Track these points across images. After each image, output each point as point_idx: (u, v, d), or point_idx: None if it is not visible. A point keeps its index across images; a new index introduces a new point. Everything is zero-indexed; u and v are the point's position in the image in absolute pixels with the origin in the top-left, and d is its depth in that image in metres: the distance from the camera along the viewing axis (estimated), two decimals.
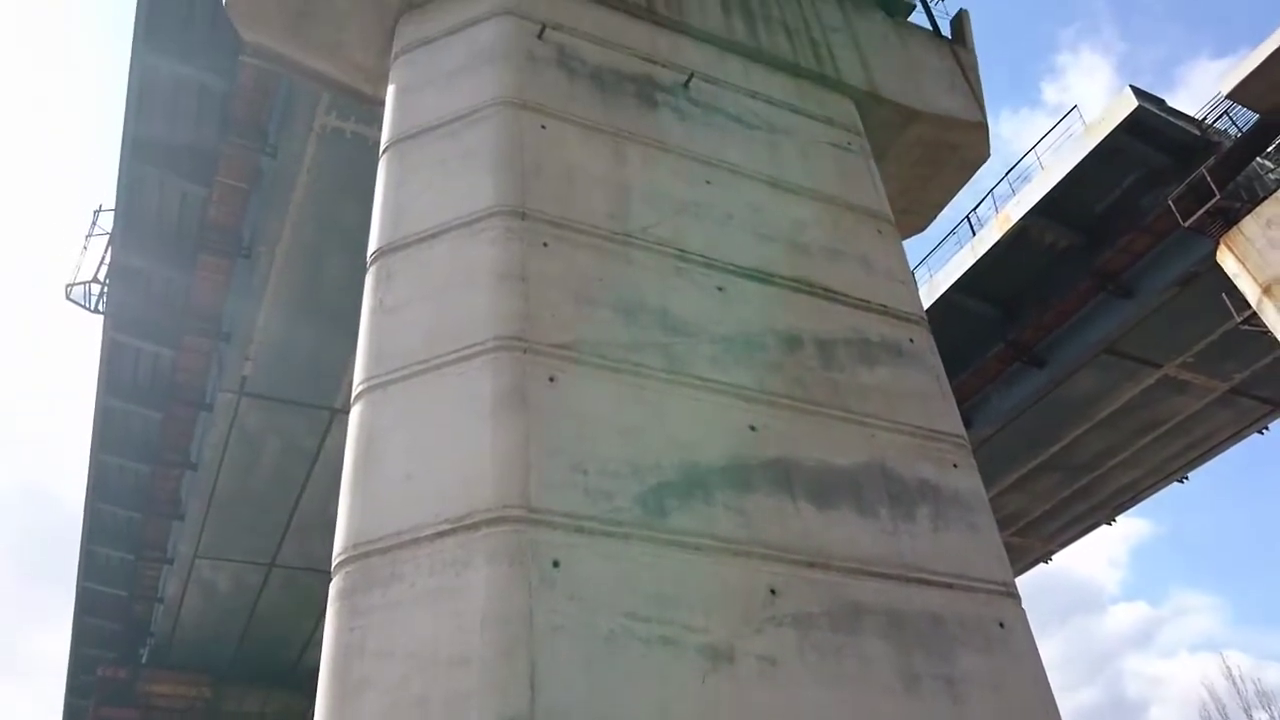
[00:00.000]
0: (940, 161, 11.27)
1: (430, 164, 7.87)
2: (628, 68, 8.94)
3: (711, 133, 8.88)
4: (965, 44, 12.07)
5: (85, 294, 19.08)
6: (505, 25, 8.60)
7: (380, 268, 7.39)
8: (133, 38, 14.67)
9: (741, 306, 7.66)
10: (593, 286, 7.15)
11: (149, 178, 16.64)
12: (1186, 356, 22.26)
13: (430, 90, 8.40)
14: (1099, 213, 20.57)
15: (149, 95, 15.35)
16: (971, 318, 22.55)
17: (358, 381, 6.86)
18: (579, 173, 7.82)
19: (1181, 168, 19.25)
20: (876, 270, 8.74)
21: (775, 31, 10.29)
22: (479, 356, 6.54)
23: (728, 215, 8.25)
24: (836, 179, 9.32)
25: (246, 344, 17.72)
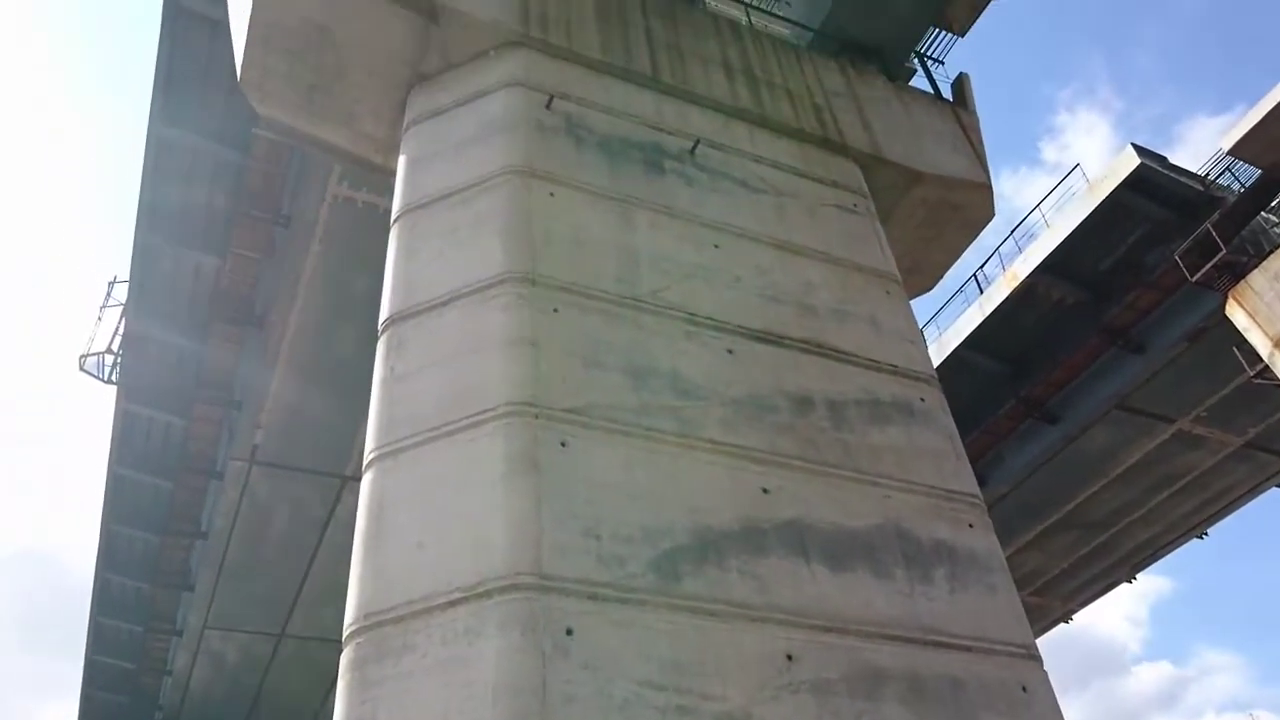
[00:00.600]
0: (945, 221, 11.36)
1: (441, 232, 7.97)
2: (635, 135, 9.09)
3: (718, 197, 8.99)
4: (966, 106, 12.25)
5: (99, 365, 19.22)
6: (514, 96, 8.76)
7: (391, 336, 7.44)
8: (149, 112, 14.98)
9: (752, 368, 7.67)
10: (603, 351, 7.18)
11: (163, 249, 16.86)
12: (1200, 411, 22.13)
13: (441, 160, 8.54)
14: (1105, 269, 20.65)
15: (164, 168, 15.63)
16: (981, 375, 22.52)
17: (369, 449, 6.86)
18: (588, 238, 7.90)
19: (1186, 223, 19.36)
20: (885, 330, 8.76)
21: (779, 98, 10.46)
22: (490, 422, 6.55)
23: (736, 278, 8.31)
24: (843, 241, 9.40)
25: (258, 412, 17.76)
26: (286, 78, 9.48)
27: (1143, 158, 19.02)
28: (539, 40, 9.30)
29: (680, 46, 10.22)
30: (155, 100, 14.84)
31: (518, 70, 8.99)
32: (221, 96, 14.91)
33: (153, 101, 14.86)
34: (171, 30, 14.12)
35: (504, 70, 9.01)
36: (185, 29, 14.14)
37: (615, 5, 10.20)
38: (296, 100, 9.66)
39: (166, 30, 14.13)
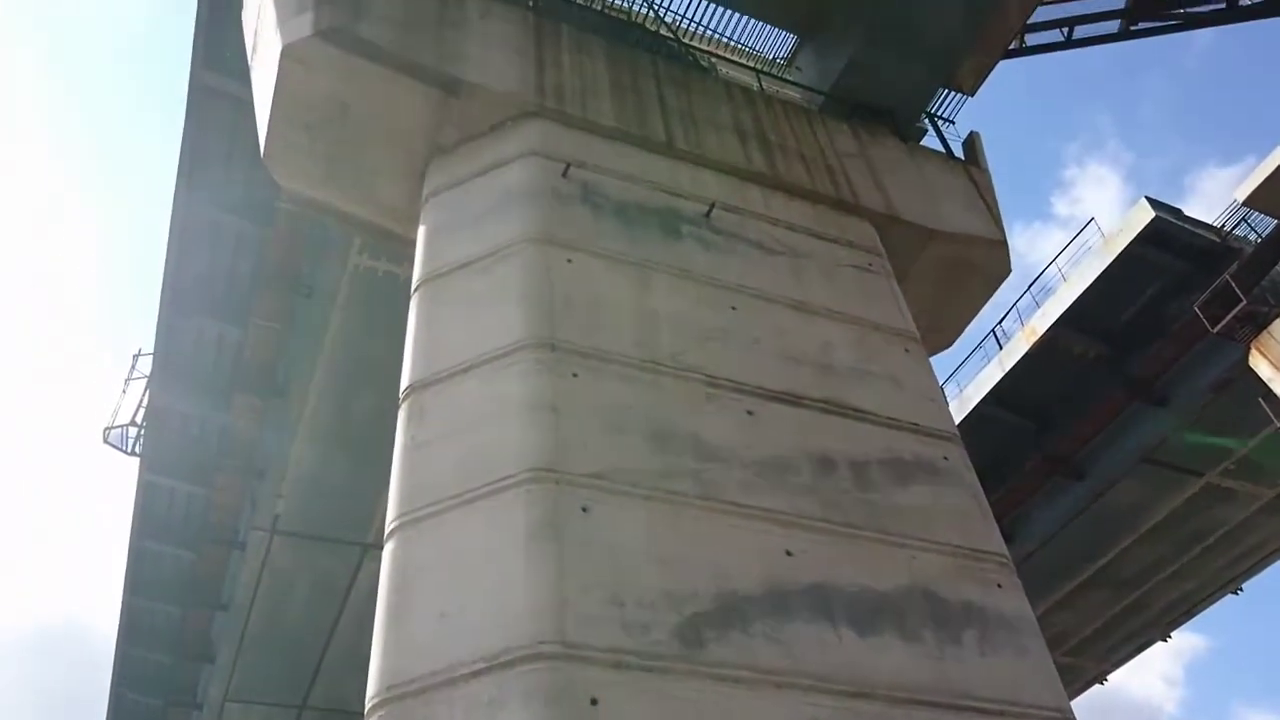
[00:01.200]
0: (962, 279, 11.38)
1: (460, 301, 8.05)
2: (651, 200, 9.20)
3: (735, 260, 9.05)
4: (979, 164, 12.35)
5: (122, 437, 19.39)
6: (531, 165, 8.91)
7: (412, 404, 7.48)
8: (174, 188, 15.31)
9: (772, 430, 7.64)
10: (623, 415, 7.18)
11: (187, 321, 17.09)
12: (1228, 464, 21.83)
13: (460, 230, 8.66)
14: (1125, 322, 20.58)
15: (188, 242, 15.92)
16: (1005, 430, 22.34)
17: (390, 518, 6.85)
18: (606, 303, 7.96)
19: (1204, 274, 19.32)
20: (906, 388, 8.72)
21: (792, 161, 10.58)
22: (511, 489, 6.53)
23: (754, 339, 8.32)
24: (860, 300, 9.42)
25: (279, 481, 17.81)
26: (308, 152, 9.68)
27: (1157, 211, 19.07)
28: (554, 110, 9.48)
29: (694, 113, 10.38)
30: (180, 177, 15.17)
31: (534, 140, 9.15)
32: (244, 170, 15.22)
33: (178, 178, 15.19)
34: (198, 108, 14.49)
35: (520, 140, 9.18)
36: (210, 107, 14.50)
37: (629, 76, 10.40)
38: (318, 173, 9.86)
39: (193, 108, 14.49)
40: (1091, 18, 16.50)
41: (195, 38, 13.89)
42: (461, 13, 9.93)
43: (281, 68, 9.16)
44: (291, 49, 9.07)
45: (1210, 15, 16.99)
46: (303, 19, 9.12)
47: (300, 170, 9.90)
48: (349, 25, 9.15)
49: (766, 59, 13.86)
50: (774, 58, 13.90)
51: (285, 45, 9.09)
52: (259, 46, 10.06)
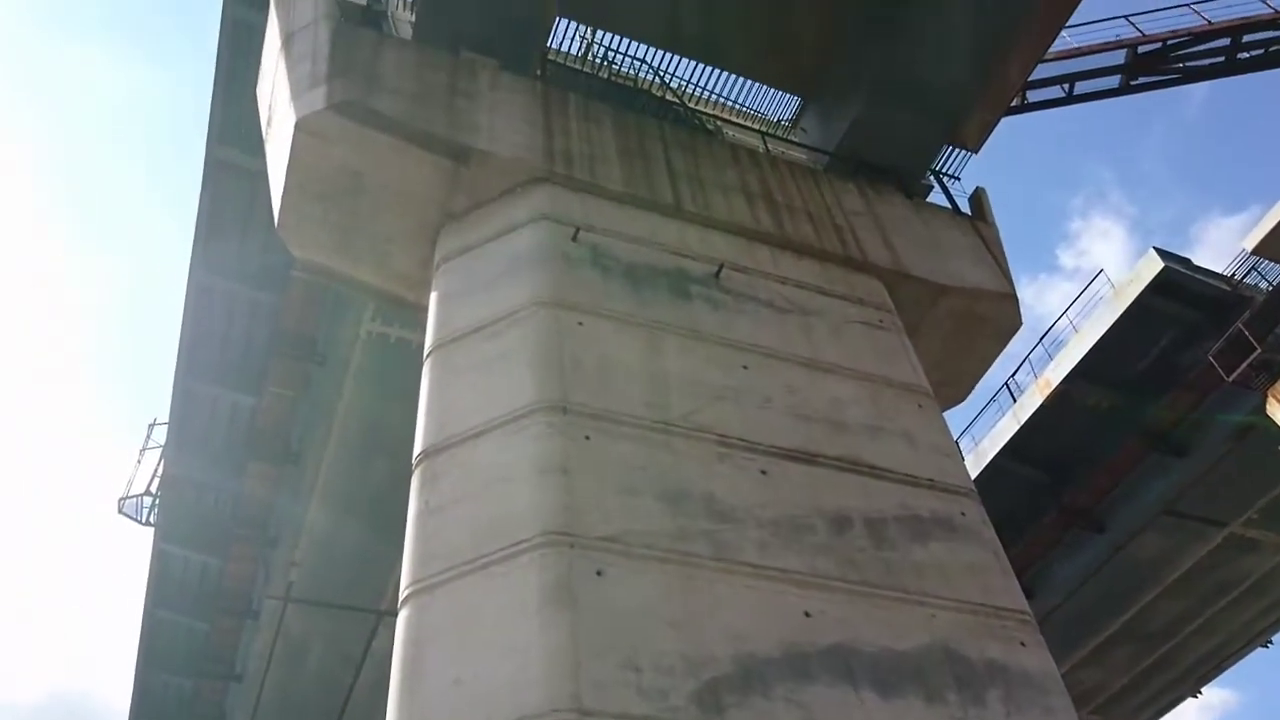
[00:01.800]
0: (973, 333, 11.38)
1: (473, 365, 8.09)
2: (660, 262, 9.28)
3: (745, 319, 9.09)
4: (985, 219, 12.42)
5: (137, 507, 19.41)
6: (541, 230, 9.01)
7: (425, 469, 7.48)
8: (190, 261, 15.55)
9: (787, 489, 7.60)
10: (636, 476, 7.16)
11: (201, 390, 17.22)
12: (1251, 514, 21.55)
13: (471, 295, 8.74)
14: (1139, 372, 20.49)
15: (203, 312, 16.11)
16: (1022, 484, 22.14)
17: (404, 585, 6.82)
18: (617, 365, 7.99)
19: (1217, 323, 19.27)
20: (920, 444, 8.68)
21: (799, 220, 10.68)
22: (525, 554, 6.50)
23: (766, 398, 8.32)
24: (872, 356, 9.42)
25: (293, 549, 17.76)
26: (321, 222, 9.82)
27: (1166, 261, 19.11)
28: (563, 176, 9.62)
29: (701, 176, 10.51)
30: (196, 247, 15.41)
31: (543, 205, 9.28)
32: (258, 240, 15.45)
33: (194, 248, 15.43)
34: (214, 181, 14.78)
35: (530, 206, 9.30)
36: (225, 180, 14.79)
37: (636, 141, 10.56)
38: (331, 243, 9.99)
39: (208, 182, 14.79)
40: (1092, 73, 16.74)
41: (211, 113, 14.23)
42: (472, 83, 10.14)
43: (295, 140, 9.35)
44: (305, 122, 9.26)
45: (1208, 69, 17.23)
46: (316, 93, 9.33)
47: (313, 240, 10.04)
48: (362, 98, 9.35)
49: (771, 121, 14.07)
50: (778, 119, 14.11)
51: (299, 119, 9.28)
52: (273, 120, 10.28)
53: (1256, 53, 17.55)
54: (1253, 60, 17.58)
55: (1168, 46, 17.03)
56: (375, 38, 10.24)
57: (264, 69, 11.15)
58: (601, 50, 13.00)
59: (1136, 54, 16.90)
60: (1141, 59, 16.94)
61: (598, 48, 13.11)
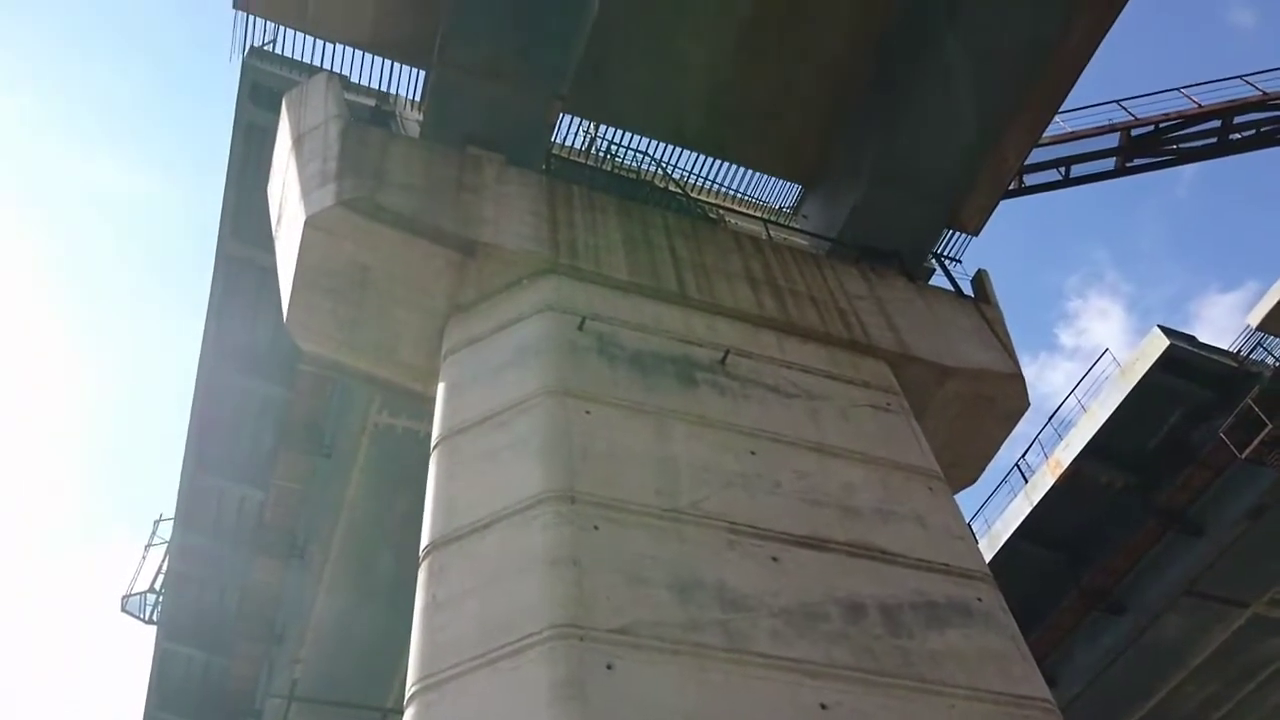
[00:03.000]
0: (981, 414, 11.35)
1: (480, 456, 8.07)
2: (666, 349, 9.32)
3: (751, 404, 9.08)
4: (989, 300, 12.50)
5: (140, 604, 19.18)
6: (548, 320, 9.09)
7: (432, 562, 7.40)
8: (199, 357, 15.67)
9: (798, 576, 7.49)
10: (646, 566, 7.07)
11: (209, 486, 17.18)
12: (1274, 593, 21.10)
13: (478, 385, 8.77)
14: (1151, 450, 20.32)
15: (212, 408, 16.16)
16: (1038, 566, 21.78)
17: (411, 682, 6.68)
18: (625, 453, 7.96)
19: (1226, 400, 19.18)
20: (933, 528, 8.58)
21: (803, 305, 10.76)
22: (534, 647, 6.38)
23: (775, 484, 8.27)
24: (880, 439, 9.38)
25: (298, 645, 17.47)
26: (330, 315, 9.92)
27: (1171, 339, 19.11)
28: (569, 267, 9.75)
29: (705, 263, 10.64)
30: (206, 343, 15.54)
31: (550, 295, 9.37)
32: (267, 334, 15.60)
33: (203, 345, 15.56)
34: (224, 276, 14.98)
35: (537, 296, 9.40)
36: (235, 275, 14.99)
37: (640, 230, 10.73)
38: (339, 335, 10.08)
39: (219, 276, 14.98)
40: (1087, 156, 17.04)
41: (223, 210, 14.50)
42: (478, 177, 10.35)
43: (305, 235, 9.51)
44: (315, 218, 9.44)
45: (1202, 150, 17.52)
46: (326, 190, 9.53)
47: (322, 333, 10.12)
48: (370, 194, 9.55)
49: (773, 208, 14.29)
50: (780, 207, 14.33)
51: (310, 215, 9.46)
52: (284, 217, 10.47)
53: (1248, 133, 17.87)
54: (1245, 140, 17.90)
55: (1160, 129, 17.36)
56: (384, 136, 10.50)
57: (275, 168, 11.41)
58: (605, 144, 13.30)
59: (1130, 137, 17.22)
60: (1135, 141, 17.25)
61: (601, 142, 13.42)
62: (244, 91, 13.61)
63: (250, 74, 13.64)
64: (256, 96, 13.74)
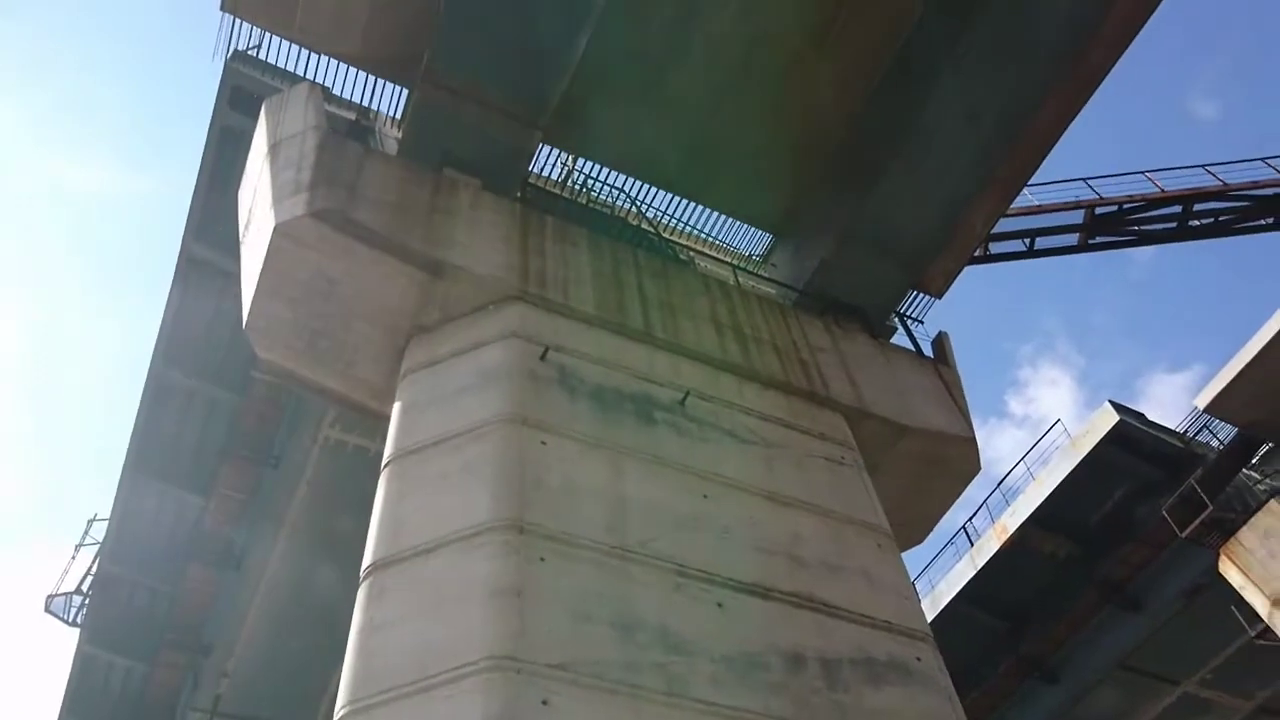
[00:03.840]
0: (933, 474, 11.44)
1: (431, 478, 7.97)
2: (627, 386, 9.30)
3: (708, 447, 9.08)
4: (948, 363, 12.66)
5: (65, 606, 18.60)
6: (511, 348, 9.04)
7: (373, 583, 7.26)
8: (152, 353, 15.38)
9: (742, 623, 7.46)
10: (590, 603, 7.00)
11: (148, 487, 16.79)
12: (1205, 673, 21.41)
13: (435, 408, 8.68)
14: (1095, 522, 20.62)
15: (160, 408, 15.84)
16: (978, 630, 21.91)
17: (341, 704, 6.52)
18: (578, 487, 7.90)
19: (1171, 478, 19.54)
20: (878, 585, 8.60)
21: (766, 353, 10.82)
22: (470, 678, 6.27)
23: (725, 529, 8.24)
24: (832, 492, 9.41)
25: (226, 659, 17.03)
26: (291, 325, 9.79)
27: (1121, 414, 19.47)
28: (536, 296, 9.72)
29: (672, 304, 10.67)
30: (159, 343, 15.26)
31: (514, 323, 9.33)
32: (224, 340, 15.36)
33: (156, 344, 15.29)
34: (185, 277, 14.76)
35: (501, 323, 9.35)
36: (197, 277, 14.78)
37: (610, 266, 10.74)
38: (299, 346, 9.94)
39: (180, 277, 14.76)
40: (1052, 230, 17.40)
41: (190, 211, 14.33)
42: (453, 200, 10.32)
43: (273, 243, 9.40)
44: (285, 226, 9.34)
45: (1162, 233, 17.97)
46: (298, 199, 9.44)
47: (281, 342, 9.98)
48: (342, 207, 9.47)
49: (743, 255, 14.40)
50: (750, 254, 14.45)
51: (279, 223, 9.36)
52: (252, 222, 10.35)
53: (1207, 221, 18.38)
54: (1203, 228, 18.39)
55: (1124, 210, 17.80)
56: (361, 150, 10.44)
57: (247, 173, 11.29)
58: (582, 177, 13.36)
59: (1094, 215, 17.63)
60: (1099, 220, 17.66)
61: (578, 175, 13.47)
62: (223, 94, 13.54)
63: (231, 77, 13.57)
64: (236, 100, 13.66)
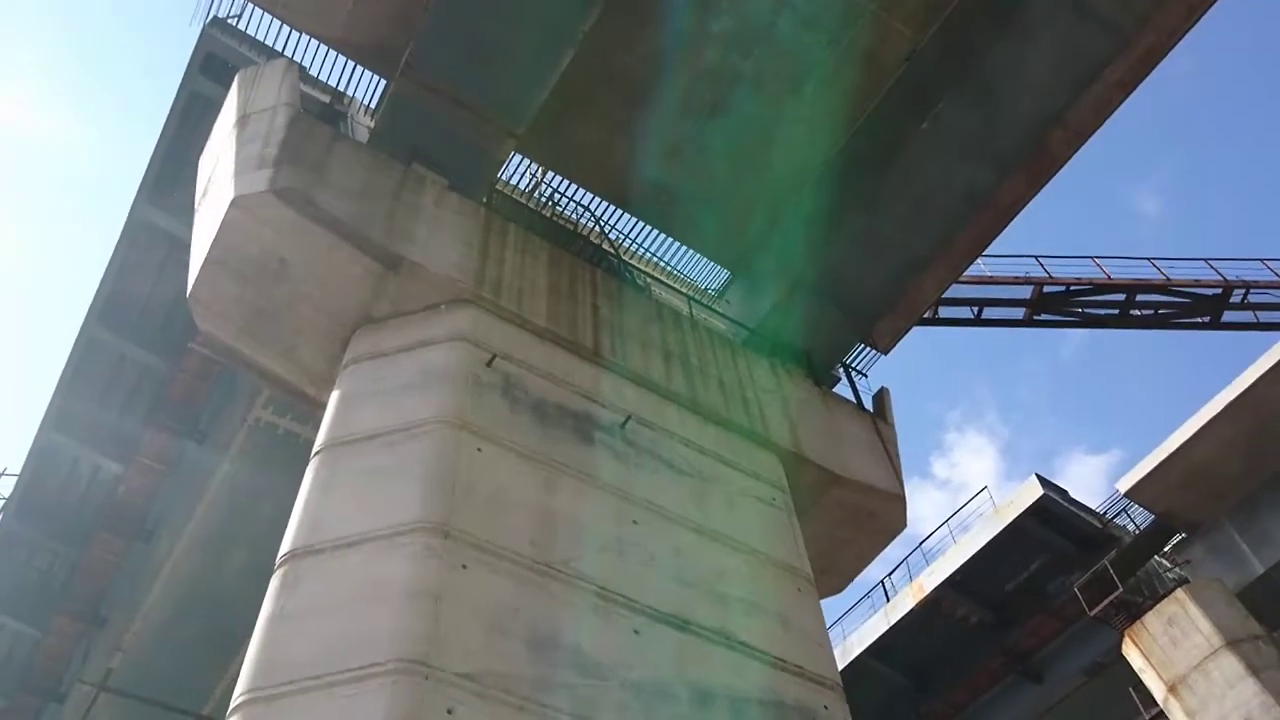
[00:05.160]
0: (859, 526, 11.56)
1: (361, 472, 7.85)
2: (569, 403, 9.28)
3: (643, 474, 9.07)
4: (886, 419, 12.83)
5: None
6: (457, 350, 8.96)
7: (288, 571, 7.11)
8: (88, 310, 14.98)
9: (656, 652, 7.44)
10: (507, 615, 6.93)
11: (65, 447, 16.27)
12: None
13: (374, 401, 8.56)
14: (1008, 592, 21.00)
15: (89, 366, 15.42)
16: (884, 685, 22.13)
17: (240, 691, 6.36)
18: (508, 498, 7.84)
19: (1086, 556, 20.01)
20: (794, 629, 8.64)
21: (711, 386, 10.87)
22: (376, 678, 6.16)
23: (651, 556, 8.23)
24: (760, 532, 9.46)
25: (122, 633, 16.52)
26: (237, 300, 9.62)
27: (1046, 489, 19.91)
28: (490, 301, 9.67)
29: (624, 327, 10.68)
30: (97, 299, 14.88)
31: (465, 326, 9.26)
32: (165, 307, 15.03)
33: (94, 300, 14.89)
34: (131, 238, 14.42)
35: (451, 324, 9.28)
36: (144, 239, 14.46)
37: (567, 282, 10.74)
38: (241, 323, 9.76)
39: (126, 237, 14.42)
40: (1000, 302, 17.79)
41: (147, 171, 14.03)
42: (418, 195, 10.25)
43: (228, 215, 9.24)
44: (243, 199, 9.19)
45: (1103, 318, 18.49)
46: (261, 174, 9.30)
47: (224, 316, 9.79)
48: (305, 189, 9.35)
49: (699, 288, 14.49)
50: (706, 287, 14.55)
51: (238, 195, 9.21)
52: (210, 192, 10.17)
53: (1147, 312, 18.96)
54: (1142, 318, 18.98)
55: (1071, 291, 18.29)
56: (331, 134, 10.33)
57: (212, 141, 11.10)
58: (550, 190, 13.36)
59: (1043, 292, 18.09)
60: (1046, 298, 18.12)
61: (546, 187, 13.47)
62: (196, 59, 13.32)
63: (207, 43, 13.36)
64: (208, 67, 13.45)
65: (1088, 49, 11.20)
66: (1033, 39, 11.19)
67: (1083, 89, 11.36)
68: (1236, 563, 18.82)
